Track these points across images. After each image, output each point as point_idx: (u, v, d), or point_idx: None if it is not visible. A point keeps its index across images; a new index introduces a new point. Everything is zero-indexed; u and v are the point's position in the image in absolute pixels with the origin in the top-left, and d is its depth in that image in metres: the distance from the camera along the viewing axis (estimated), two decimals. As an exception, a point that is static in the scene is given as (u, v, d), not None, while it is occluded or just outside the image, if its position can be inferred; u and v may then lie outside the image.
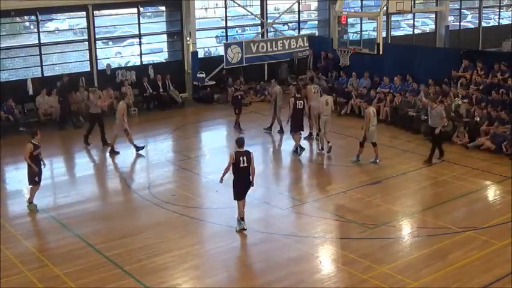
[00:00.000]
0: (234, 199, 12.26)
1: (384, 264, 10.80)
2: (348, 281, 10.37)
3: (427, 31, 33.00)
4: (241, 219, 12.26)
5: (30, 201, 13.55)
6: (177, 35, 24.69)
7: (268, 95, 22.11)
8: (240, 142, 12.17)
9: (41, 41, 21.63)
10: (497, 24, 35.61)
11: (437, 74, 20.89)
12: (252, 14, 26.74)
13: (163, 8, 25.70)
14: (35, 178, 13.40)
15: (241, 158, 11.91)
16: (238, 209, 12.25)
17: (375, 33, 22.11)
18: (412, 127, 19.25)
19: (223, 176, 12.26)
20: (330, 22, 27.54)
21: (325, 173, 16.63)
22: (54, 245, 11.89)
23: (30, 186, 13.59)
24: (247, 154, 12.01)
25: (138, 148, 17.59)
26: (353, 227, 12.54)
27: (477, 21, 34.31)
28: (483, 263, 10.83)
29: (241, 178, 12.06)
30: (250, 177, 12.07)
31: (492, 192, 14.77)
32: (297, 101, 17.20)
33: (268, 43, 25.29)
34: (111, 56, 24.08)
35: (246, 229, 12.19)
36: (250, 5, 27.77)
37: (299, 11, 28.52)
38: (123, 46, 25.43)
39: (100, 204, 14.41)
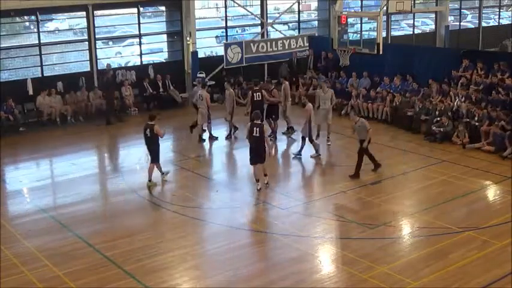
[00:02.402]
0: (250, 163, 14.55)
1: (383, 264, 10.80)
2: (348, 281, 10.37)
3: (427, 31, 32.97)
4: (256, 181, 14.47)
5: (150, 179, 14.81)
6: (177, 35, 24.71)
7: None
8: (257, 115, 14.63)
9: (41, 41, 21.64)
10: (497, 24, 35.61)
11: (437, 74, 20.88)
12: (252, 14, 26.74)
13: (163, 8, 25.71)
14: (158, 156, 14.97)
15: (254, 128, 14.27)
16: (253, 172, 14.53)
17: (375, 33, 22.11)
18: (412, 127, 19.25)
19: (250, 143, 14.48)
20: (330, 22, 27.56)
21: (325, 173, 16.64)
22: (54, 245, 11.87)
23: (154, 164, 14.89)
24: (260, 126, 14.36)
25: (213, 138, 18.98)
26: (353, 227, 12.54)
27: (477, 21, 34.29)
28: (483, 263, 10.83)
29: (253, 145, 14.36)
30: (264, 146, 14.26)
31: (492, 192, 14.76)
32: (255, 93, 18.39)
33: (268, 43, 25.25)
34: (111, 56, 24.09)
35: (259, 189, 14.35)
36: (250, 5, 27.78)
37: (299, 11, 28.53)
38: (123, 46, 25.46)
39: (100, 204, 14.40)
